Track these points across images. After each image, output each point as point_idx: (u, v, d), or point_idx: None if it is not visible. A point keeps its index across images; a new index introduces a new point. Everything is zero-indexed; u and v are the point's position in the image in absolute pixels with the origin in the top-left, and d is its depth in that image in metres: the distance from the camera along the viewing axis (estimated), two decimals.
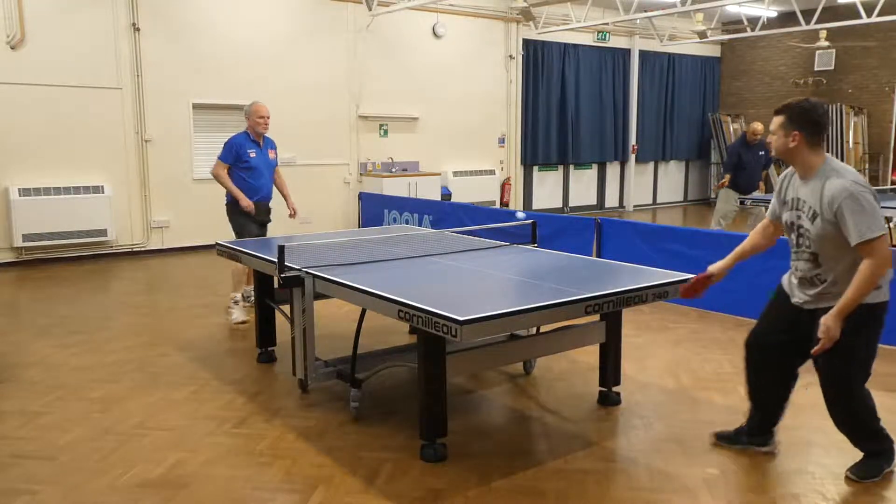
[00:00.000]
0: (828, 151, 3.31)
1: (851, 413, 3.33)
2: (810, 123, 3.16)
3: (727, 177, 9.10)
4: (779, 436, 3.68)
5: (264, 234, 6.29)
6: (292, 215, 6.44)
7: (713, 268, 3.58)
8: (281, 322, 4.97)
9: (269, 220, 6.40)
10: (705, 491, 3.25)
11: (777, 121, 3.23)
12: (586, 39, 14.21)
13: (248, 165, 6.08)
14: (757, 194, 9.20)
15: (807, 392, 3.82)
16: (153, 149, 9.56)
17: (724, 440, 3.71)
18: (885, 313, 3.24)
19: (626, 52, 14.94)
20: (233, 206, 6.12)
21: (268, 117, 6.13)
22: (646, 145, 15.62)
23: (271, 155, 6.34)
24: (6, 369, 4.94)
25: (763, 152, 8.99)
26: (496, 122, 13.22)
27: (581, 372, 4.87)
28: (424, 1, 10.34)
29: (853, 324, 3.11)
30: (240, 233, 6.13)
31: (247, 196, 6.05)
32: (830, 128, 13.77)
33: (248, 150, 6.08)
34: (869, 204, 3.03)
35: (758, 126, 8.93)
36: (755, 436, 3.66)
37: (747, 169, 8.99)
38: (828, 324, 3.08)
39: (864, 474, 3.34)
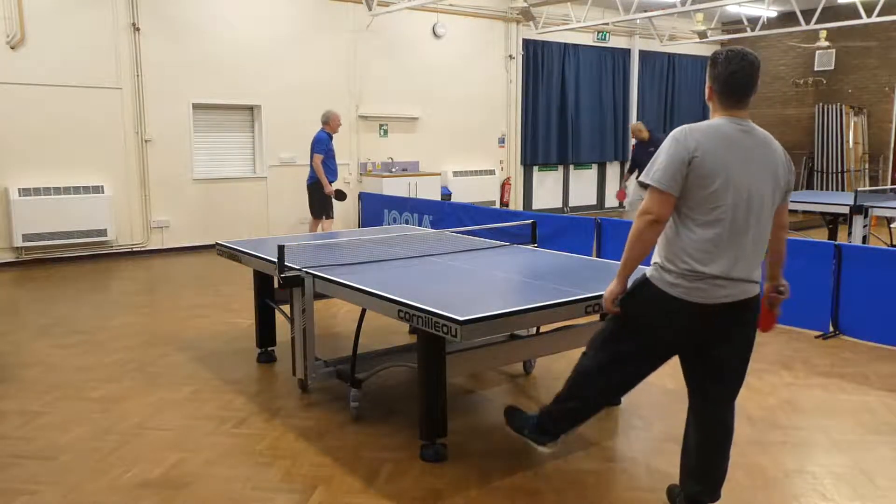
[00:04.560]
0: (828, 152, 3.18)
1: (574, 370, 3.04)
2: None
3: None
4: (772, 436, 3.67)
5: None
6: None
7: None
8: (281, 322, 4.97)
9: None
10: None
11: None
12: (586, 39, 14.20)
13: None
14: None
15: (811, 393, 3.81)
16: (153, 149, 9.56)
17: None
18: (657, 307, 2.70)
19: (626, 52, 14.93)
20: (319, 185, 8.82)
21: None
22: None
23: None
24: (6, 369, 4.94)
25: (652, 148, 9.14)
26: (496, 122, 13.22)
27: None
28: (424, 1, 10.33)
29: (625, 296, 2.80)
30: (326, 208, 8.96)
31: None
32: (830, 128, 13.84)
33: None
34: (664, 151, 2.61)
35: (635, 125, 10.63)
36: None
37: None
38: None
39: (518, 424, 3.25)
